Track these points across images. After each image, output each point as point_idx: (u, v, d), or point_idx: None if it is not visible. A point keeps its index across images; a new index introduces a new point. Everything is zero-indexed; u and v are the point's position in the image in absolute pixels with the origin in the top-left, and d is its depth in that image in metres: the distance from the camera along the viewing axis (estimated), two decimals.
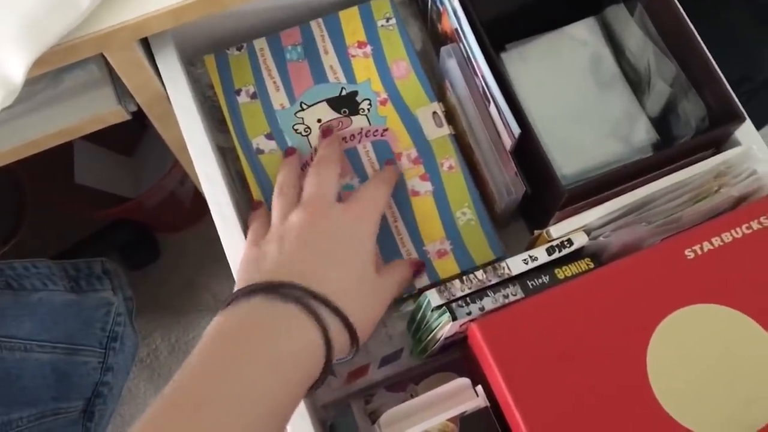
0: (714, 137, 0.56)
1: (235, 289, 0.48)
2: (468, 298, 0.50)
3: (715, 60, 1.28)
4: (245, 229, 0.55)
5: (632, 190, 0.56)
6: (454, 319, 0.49)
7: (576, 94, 0.64)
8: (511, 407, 0.49)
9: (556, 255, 0.53)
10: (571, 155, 0.62)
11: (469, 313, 0.49)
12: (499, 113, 0.57)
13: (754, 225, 0.53)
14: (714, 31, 1.16)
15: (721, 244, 0.52)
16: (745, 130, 0.57)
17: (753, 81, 1.22)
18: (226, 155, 0.63)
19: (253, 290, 0.46)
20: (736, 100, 0.55)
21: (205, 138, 0.56)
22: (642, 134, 0.63)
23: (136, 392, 1.33)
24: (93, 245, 1.30)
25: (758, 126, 1.39)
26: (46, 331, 0.91)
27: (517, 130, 0.55)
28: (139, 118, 0.68)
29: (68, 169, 1.22)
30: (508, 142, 0.57)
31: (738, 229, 0.52)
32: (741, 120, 0.55)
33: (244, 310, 0.46)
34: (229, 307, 0.46)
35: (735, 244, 0.52)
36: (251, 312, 0.46)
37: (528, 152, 0.57)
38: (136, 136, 1.30)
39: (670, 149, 0.56)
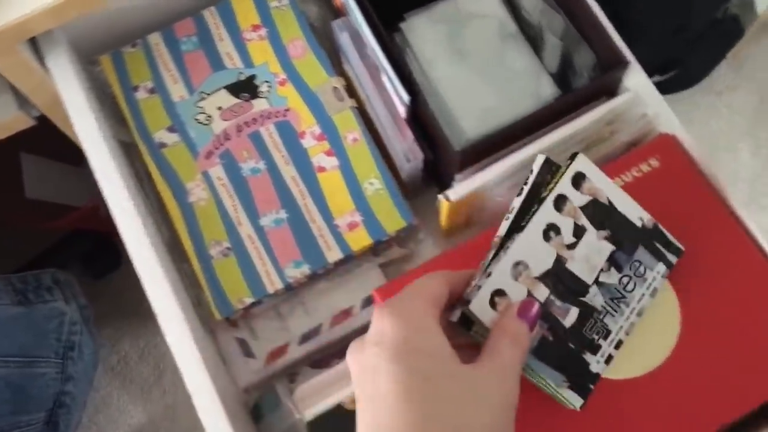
0: (602, 84, 0.56)
1: None
2: None
3: (652, 12, 1.28)
4: (144, 222, 0.55)
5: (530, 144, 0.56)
6: None
7: (478, 57, 0.65)
8: None
9: None
10: (477, 118, 0.63)
11: None
12: (391, 83, 0.57)
13: (644, 167, 0.53)
14: None
15: None
16: (635, 77, 0.58)
17: (690, 30, 1.23)
18: (132, 150, 0.63)
19: None
20: (620, 46, 0.56)
21: (99, 135, 0.56)
22: (545, 91, 0.63)
23: (109, 400, 1.34)
24: (52, 258, 1.31)
25: (706, 71, 1.39)
26: None
27: (407, 97, 0.55)
28: None
29: (18, 183, 1.22)
30: (402, 110, 0.58)
31: (628, 173, 0.53)
32: (625, 65, 0.55)
33: None
34: None
35: (626, 188, 0.52)
36: None
37: (423, 118, 0.58)
38: None
39: (559, 100, 0.56)
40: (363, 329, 0.61)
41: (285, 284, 0.58)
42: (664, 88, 1.35)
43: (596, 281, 0.44)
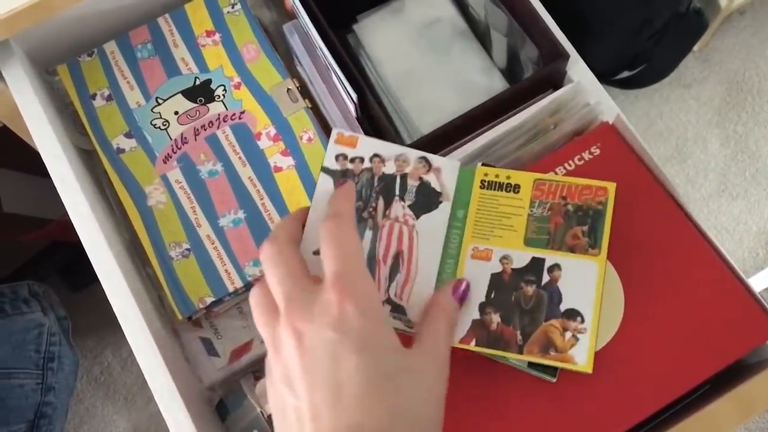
0: (544, 76, 0.58)
1: None
2: None
3: (616, 8, 1.30)
4: (102, 226, 0.56)
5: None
6: None
7: (430, 55, 0.66)
8: None
9: None
10: (429, 114, 0.64)
11: None
12: (340, 82, 0.58)
13: (586, 156, 0.55)
14: None
15: None
16: (577, 68, 0.59)
17: (654, 25, 1.24)
18: (93, 157, 0.64)
19: None
20: (560, 39, 0.57)
21: (56, 142, 0.58)
22: (496, 85, 0.65)
23: (94, 411, 1.34)
24: (30, 271, 1.31)
25: (674, 64, 1.41)
26: None
27: (354, 95, 0.57)
28: None
29: None
30: (351, 108, 0.59)
31: (571, 162, 0.54)
32: (565, 57, 0.57)
33: None
34: None
35: (568, 176, 0.54)
36: None
37: (373, 116, 0.59)
38: None
39: (503, 93, 0.57)
40: None
41: (245, 282, 0.60)
42: (634, 83, 1.37)
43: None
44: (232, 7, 0.66)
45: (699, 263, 0.52)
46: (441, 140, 0.58)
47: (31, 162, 1.27)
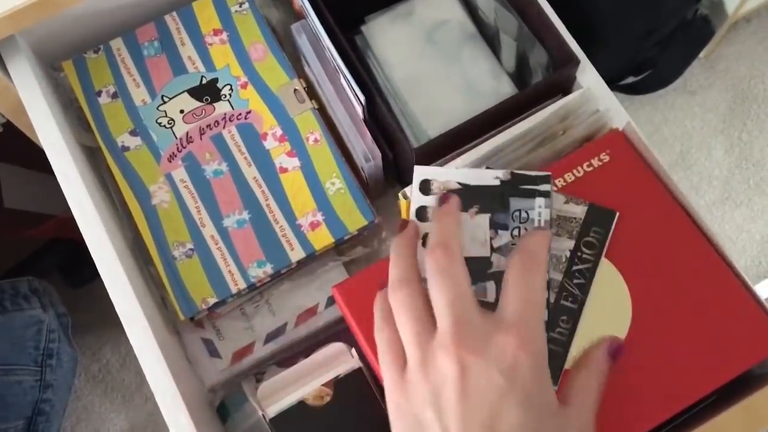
0: (554, 80, 0.57)
1: None
2: None
3: (622, 15, 1.30)
4: (106, 224, 0.56)
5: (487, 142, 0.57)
6: None
7: (438, 58, 0.66)
8: (373, 361, 0.50)
9: None
10: (436, 118, 0.64)
11: None
12: (348, 84, 0.58)
13: (595, 162, 0.54)
14: None
15: (564, 184, 0.54)
16: (587, 75, 0.59)
17: (661, 31, 1.24)
18: (97, 155, 0.64)
19: None
20: (570, 44, 0.57)
21: (61, 139, 0.57)
22: (504, 90, 0.64)
23: (92, 408, 1.34)
24: (30, 267, 1.31)
25: (679, 71, 1.41)
26: None
27: (362, 97, 0.56)
28: None
29: None
30: (359, 111, 0.59)
31: (580, 168, 0.54)
32: (575, 62, 0.56)
33: None
34: None
35: (577, 183, 0.54)
36: None
37: (380, 118, 0.59)
38: None
39: (513, 97, 0.57)
40: (327, 327, 0.62)
41: (248, 284, 0.59)
42: (638, 89, 1.37)
43: (493, 250, 0.46)
44: (240, 6, 0.66)
45: (707, 272, 0.51)
46: (448, 144, 0.57)
47: (33, 157, 1.27)
